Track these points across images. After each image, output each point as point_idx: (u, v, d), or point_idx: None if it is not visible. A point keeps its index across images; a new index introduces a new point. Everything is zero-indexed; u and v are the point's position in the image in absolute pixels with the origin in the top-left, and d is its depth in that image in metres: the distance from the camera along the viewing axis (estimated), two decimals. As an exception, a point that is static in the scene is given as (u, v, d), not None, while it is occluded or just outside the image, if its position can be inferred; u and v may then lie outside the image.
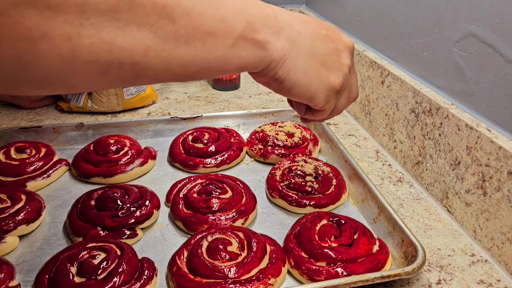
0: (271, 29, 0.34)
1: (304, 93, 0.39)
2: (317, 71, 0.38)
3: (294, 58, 0.36)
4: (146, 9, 0.27)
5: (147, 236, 0.54)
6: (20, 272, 0.48)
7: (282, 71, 0.36)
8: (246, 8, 0.33)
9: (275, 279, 0.46)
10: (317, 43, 0.38)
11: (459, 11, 0.56)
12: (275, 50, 0.35)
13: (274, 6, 0.37)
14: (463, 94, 0.57)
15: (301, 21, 0.38)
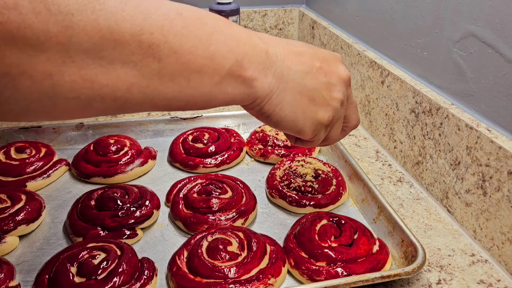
0: (260, 65, 0.34)
1: (291, 128, 0.38)
2: (304, 107, 0.37)
3: (280, 94, 0.36)
4: (131, 48, 0.26)
5: (147, 236, 0.54)
6: (20, 272, 0.48)
7: (268, 106, 0.36)
8: (238, 45, 0.32)
9: (275, 279, 0.46)
10: (308, 78, 0.37)
11: (459, 11, 0.56)
12: (261, 87, 0.34)
13: (269, 38, 0.37)
14: (463, 94, 0.57)
15: (294, 53, 0.37)
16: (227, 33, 0.32)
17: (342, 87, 0.39)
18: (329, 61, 0.39)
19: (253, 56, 0.33)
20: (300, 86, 0.37)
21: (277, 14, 1.09)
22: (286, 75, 0.36)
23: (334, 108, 0.39)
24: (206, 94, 0.32)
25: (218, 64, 0.31)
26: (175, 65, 0.29)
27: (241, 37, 0.33)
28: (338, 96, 0.39)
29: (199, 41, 0.30)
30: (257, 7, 1.08)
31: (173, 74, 0.29)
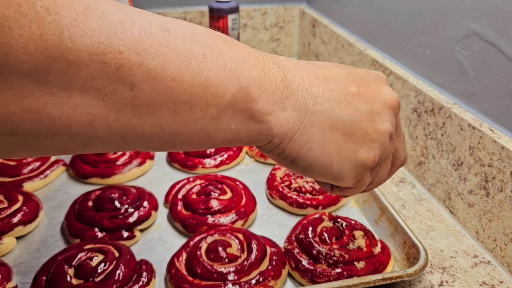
0: (274, 95, 0.27)
1: (325, 174, 0.30)
2: (340, 146, 0.29)
3: (306, 131, 0.28)
4: (90, 71, 0.20)
5: (146, 237, 0.53)
6: (18, 274, 0.47)
7: (290, 148, 0.29)
8: (242, 69, 0.25)
9: (275, 281, 0.45)
10: (341, 108, 0.29)
11: (461, 10, 0.55)
12: (278, 123, 0.27)
13: (287, 61, 0.29)
14: (465, 94, 0.56)
15: (321, 78, 0.30)
16: (228, 54, 0.25)
17: (389, 116, 0.31)
18: (369, 84, 0.31)
19: (265, 83, 0.26)
20: (331, 119, 0.29)
21: (277, 12, 1.08)
22: (312, 106, 0.28)
23: (380, 143, 0.31)
24: (198, 132, 0.25)
25: (215, 93, 0.24)
26: (154, 94, 0.22)
27: (247, 59, 0.26)
28: (384, 128, 0.31)
29: (187, 64, 0.23)
30: (257, 5, 1.07)
31: (152, 105, 0.23)
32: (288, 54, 1.14)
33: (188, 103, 0.24)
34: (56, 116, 0.21)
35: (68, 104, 0.21)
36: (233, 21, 0.86)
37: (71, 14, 0.20)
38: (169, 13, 1.02)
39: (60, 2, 0.20)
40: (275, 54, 1.15)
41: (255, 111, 0.26)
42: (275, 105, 0.27)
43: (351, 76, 0.31)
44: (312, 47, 1.03)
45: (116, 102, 0.22)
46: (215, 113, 0.25)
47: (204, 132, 0.25)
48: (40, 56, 0.19)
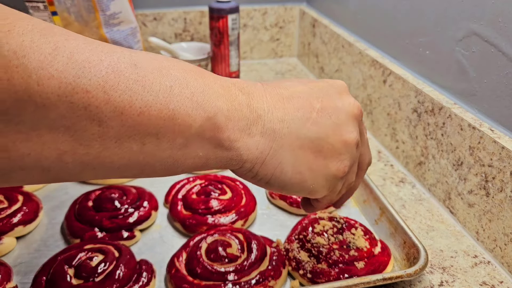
0: (240, 122, 0.28)
1: (299, 191, 0.32)
2: (311, 163, 0.31)
3: (276, 154, 0.29)
4: (60, 111, 0.21)
5: (146, 237, 0.53)
6: (18, 274, 0.47)
7: (263, 171, 0.30)
8: (209, 99, 0.26)
9: (275, 281, 0.45)
10: (308, 126, 0.30)
11: (461, 10, 0.55)
12: (247, 149, 0.28)
13: (252, 86, 0.30)
14: (465, 94, 0.56)
15: (285, 99, 0.30)
16: (195, 86, 0.26)
17: (353, 126, 0.32)
18: (330, 96, 0.32)
19: (231, 111, 0.27)
20: (299, 140, 0.30)
21: (277, 12, 1.08)
22: (279, 129, 0.29)
23: (348, 154, 0.32)
24: (166, 160, 0.26)
25: (182, 124, 0.25)
26: (122, 128, 0.23)
27: (214, 89, 0.27)
28: (351, 139, 0.32)
29: (155, 98, 0.24)
30: (257, 5, 1.07)
31: (120, 138, 0.23)
32: (288, 54, 1.14)
33: (155, 135, 0.24)
34: (25, 152, 0.21)
35: (37, 141, 0.21)
36: (233, 21, 0.86)
37: (39, 56, 0.20)
38: (169, 13, 1.02)
39: (27, 44, 0.20)
40: (275, 54, 1.15)
41: (222, 139, 0.27)
42: (242, 132, 0.28)
43: (313, 93, 0.32)
44: (312, 47, 1.03)
45: (85, 138, 0.22)
46: (183, 143, 0.26)
47: (173, 161, 0.26)
48: (9, 100, 0.20)
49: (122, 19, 0.73)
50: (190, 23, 1.05)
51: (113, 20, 0.71)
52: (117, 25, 0.73)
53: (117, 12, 0.71)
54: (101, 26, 0.70)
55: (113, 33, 0.72)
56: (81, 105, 0.21)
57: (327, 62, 0.95)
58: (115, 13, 0.71)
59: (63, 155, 0.22)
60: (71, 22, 0.69)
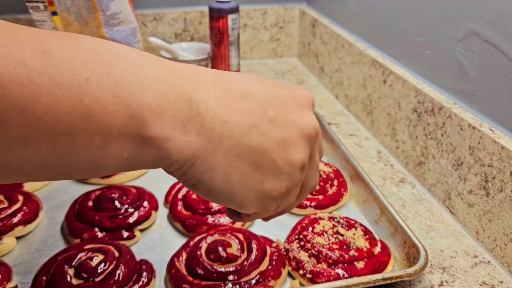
0: (174, 119, 0.24)
1: (225, 202, 0.28)
2: (244, 176, 0.27)
3: (209, 158, 0.26)
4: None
5: (146, 237, 0.53)
6: (18, 274, 0.47)
7: (191, 173, 0.26)
8: (134, 93, 0.22)
9: (275, 281, 0.45)
10: (253, 135, 0.26)
11: (461, 10, 0.55)
12: (178, 150, 0.24)
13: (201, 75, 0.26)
14: (465, 94, 0.56)
15: (237, 97, 0.26)
16: (120, 77, 0.22)
17: (304, 147, 0.29)
18: (289, 109, 0.28)
19: (163, 107, 0.23)
20: (239, 147, 0.26)
21: (277, 12, 1.08)
22: (220, 131, 0.25)
23: (289, 175, 0.28)
24: (84, 163, 0.23)
25: (99, 122, 0.22)
26: (25, 128, 0.20)
27: (145, 80, 0.23)
28: (297, 160, 0.28)
29: (65, 93, 0.20)
30: (257, 5, 1.07)
31: (25, 139, 0.20)
32: (288, 54, 1.14)
33: (68, 135, 0.21)
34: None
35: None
36: (233, 21, 0.86)
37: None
38: (169, 13, 1.02)
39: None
40: (275, 54, 1.15)
41: (149, 138, 0.23)
42: (175, 130, 0.24)
43: (270, 98, 0.28)
44: (312, 47, 1.03)
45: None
46: (102, 143, 0.22)
47: (91, 163, 0.23)
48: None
49: (122, 19, 0.73)
50: (190, 23, 1.05)
51: (113, 20, 0.71)
52: (117, 25, 0.73)
53: (117, 12, 0.71)
54: (101, 26, 0.70)
55: (113, 33, 0.72)
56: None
57: (327, 62, 0.95)
58: (115, 13, 0.71)
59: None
60: (71, 22, 0.69)
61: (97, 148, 0.22)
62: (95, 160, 0.23)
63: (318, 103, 0.90)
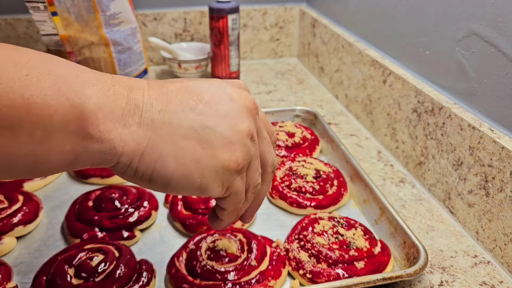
0: (114, 113, 0.25)
1: (186, 187, 0.29)
2: (197, 154, 0.28)
3: (156, 146, 0.27)
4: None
5: (146, 237, 0.53)
6: (18, 274, 0.47)
7: (142, 165, 0.27)
8: (74, 87, 0.24)
9: (275, 281, 0.45)
10: (192, 116, 0.28)
11: (461, 10, 0.55)
12: (121, 141, 0.26)
13: (133, 81, 0.28)
14: (465, 94, 0.56)
15: (171, 92, 0.28)
16: (59, 74, 0.24)
17: (246, 117, 0.30)
18: (224, 90, 0.30)
19: (102, 101, 0.25)
20: (182, 129, 0.27)
21: (277, 12, 1.08)
22: (159, 120, 0.27)
23: (240, 144, 0.29)
24: (27, 157, 0.23)
25: (40, 115, 0.23)
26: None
27: (84, 78, 0.25)
28: (242, 128, 0.29)
29: (6, 87, 0.21)
30: (257, 5, 1.07)
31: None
32: (288, 54, 1.14)
33: (10, 128, 0.22)
34: None
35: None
36: (233, 21, 0.86)
37: None
38: (169, 13, 1.02)
39: None
40: (275, 54, 1.15)
41: (91, 130, 0.25)
42: (115, 123, 0.25)
43: (203, 86, 0.30)
44: (312, 47, 1.03)
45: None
46: (44, 135, 0.23)
47: (35, 157, 0.24)
48: None
49: (122, 19, 0.73)
50: (190, 23, 1.05)
51: (113, 20, 0.71)
52: (117, 25, 0.73)
53: (117, 12, 0.71)
54: (101, 26, 0.70)
55: (113, 33, 0.72)
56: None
57: (327, 62, 0.95)
58: (115, 13, 0.71)
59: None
60: (71, 23, 0.69)
61: (39, 140, 0.23)
62: (39, 154, 0.24)
63: (318, 103, 0.90)
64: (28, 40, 0.99)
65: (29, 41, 0.99)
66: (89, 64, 0.74)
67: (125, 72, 0.77)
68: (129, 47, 0.76)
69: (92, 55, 0.72)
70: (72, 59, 0.72)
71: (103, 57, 0.73)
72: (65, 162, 0.25)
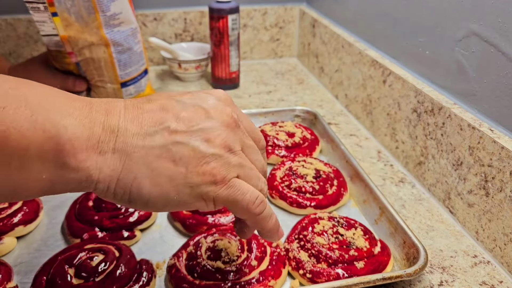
0: (90, 141, 0.26)
1: (165, 205, 0.29)
2: (170, 173, 0.28)
3: (130, 169, 0.27)
4: None
5: (146, 237, 0.53)
6: (18, 274, 0.47)
7: (119, 189, 0.28)
8: (51, 118, 0.25)
9: (275, 281, 0.45)
10: (165, 135, 0.28)
11: (461, 10, 0.55)
12: (97, 169, 0.27)
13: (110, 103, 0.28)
14: (465, 94, 0.56)
15: (145, 113, 0.29)
16: (36, 105, 0.24)
17: (223, 131, 0.30)
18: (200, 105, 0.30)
19: (79, 130, 0.26)
20: (155, 150, 0.28)
21: (277, 13, 1.08)
22: (132, 143, 0.28)
23: (216, 156, 0.29)
24: (5, 185, 0.25)
25: (16, 146, 0.23)
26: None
27: (61, 109, 0.25)
28: (217, 141, 0.30)
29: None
30: (257, 5, 1.07)
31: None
32: (288, 54, 1.14)
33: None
34: None
35: None
36: (233, 21, 0.87)
37: None
38: (169, 13, 1.02)
39: None
40: (275, 54, 1.15)
41: (67, 160, 0.25)
42: (91, 151, 0.26)
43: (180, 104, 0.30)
44: (312, 47, 1.03)
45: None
46: (20, 165, 0.24)
47: (13, 185, 0.25)
48: None
49: (123, 20, 0.73)
50: (190, 23, 1.05)
51: (113, 20, 0.72)
52: (118, 25, 0.73)
53: (117, 12, 0.71)
54: (101, 27, 0.70)
55: (114, 34, 0.72)
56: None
57: (327, 62, 0.95)
58: (115, 13, 0.71)
59: None
60: (71, 23, 0.69)
61: (16, 170, 0.24)
62: (16, 182, 0.25)
63: (318, 103, 0.90)
64: (28, 40, 0.99)
65: (29, 41, 0.99)
66: (89, 64, 0.74)
67: (125, 73, 0.77)
68: (129, 47, 0.76)
69: (92, 56, 0.72)
70: (72, 59, 0.72)
71: (103, 57, 0.73)
72: (42, 189, 0.26)
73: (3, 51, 0.98)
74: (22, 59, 0.99)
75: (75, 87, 0.76)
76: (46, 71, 0.76)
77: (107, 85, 0.77)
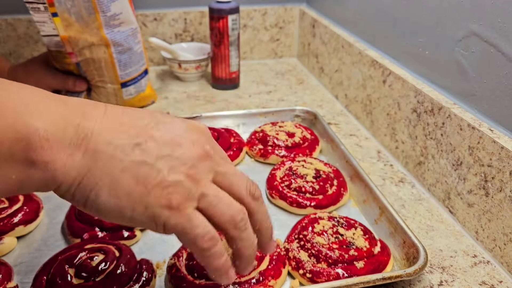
0: (61, 143, 0.26)
1: (116, 218, 0.30)
2: (130, 189, 0.29)
3: (94, 176, 0.28)
4: None
5: (146, 237, 0.53)
6: (18, 274, 0.47)
7: (79, 193, 0.28)
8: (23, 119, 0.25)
9: (275, 281, 0.45)
10: (136, 152, 0.29)
11: (461, 10, 0.55)
12: (63, 171, 0.27)
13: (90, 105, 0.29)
14: (465, 94, 0.56)
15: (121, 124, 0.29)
16: (7, 105, 0.25)
17: (191, 160, 0.30)
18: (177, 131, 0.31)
19: (50, 131, 0.26)
20: (123, 163, 0.28)
21: (277, 13, 1.08)
22: (103, 151, 0.28)
23: (177, 183, 0.29)
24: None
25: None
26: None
27: (35, 109, 0.26)
28: (182, 169, 0.30)
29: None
30: (257, 5, 1.07)
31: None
32: (288, 55, 1.14)
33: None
34: None
35: None
36: (233, 22, 0.87)
37: None
38: (169, 14, 1.02)
39: None
40: (275, 54, 1.15)
41: (36, 161, 0.26)
42: (61, 153, 0.27)
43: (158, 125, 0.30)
44: (312, 48, 1.03)
45: None
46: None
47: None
48: None
49: (123, 20, 0.73)
50: (190, 23, 1.05)
51: (113, 21, 0.72)
52: (118, 26, 0.73)
53: (117, 13, 0.72)
54: (101, 27, 0.70)
55: (114, 34, 0.72)
56: None
57: (327, 63, 0.95)
58: (115, 14, 0.71)
59: None
60: (71, 23, 0.69)
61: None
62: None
63: (318, 103, 0.90)
64: (28, 40, 0.99)
65: (29, 41, 0.99)
66: (89, 64, 0.74)
67: (126, 73, 0.77)
68: (129, 47, 0.76)
69: (92, 56, 0.73)
70: (72, 59, 0.72)
71: (104, 57, 0.73)
72: (10, 189, 0.26)
73: (3, 51, 0.98)
74: (22, 59, 0.99)
75: (75, 87, 0.76)
76: (47, 71, 0.76)
77: (107, 85, 0.77)
